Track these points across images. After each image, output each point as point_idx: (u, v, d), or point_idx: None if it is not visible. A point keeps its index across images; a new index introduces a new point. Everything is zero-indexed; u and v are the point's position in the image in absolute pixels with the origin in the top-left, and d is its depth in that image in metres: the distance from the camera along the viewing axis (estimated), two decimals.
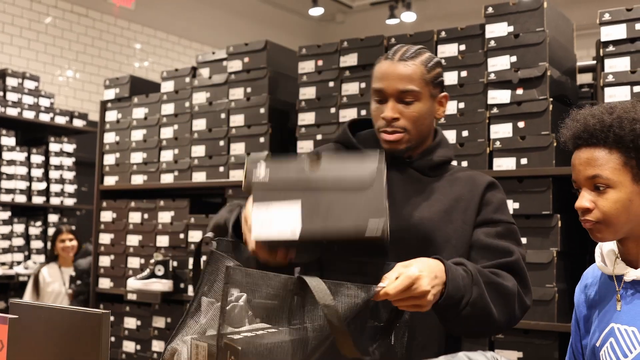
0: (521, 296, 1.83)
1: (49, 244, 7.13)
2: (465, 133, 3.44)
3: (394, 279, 1.53)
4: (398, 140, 1.91)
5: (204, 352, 1.45)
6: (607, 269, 1.79)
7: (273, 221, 1.52)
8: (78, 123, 7.53)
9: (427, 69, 1.93)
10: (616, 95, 3.12)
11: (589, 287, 1.89)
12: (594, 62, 3.55)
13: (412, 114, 1.91)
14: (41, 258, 7.08)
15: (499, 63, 3.40)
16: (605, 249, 1.82)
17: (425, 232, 1.88)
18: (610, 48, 3.18)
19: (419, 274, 1.55)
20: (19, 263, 6.90)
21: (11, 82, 6.91)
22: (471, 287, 1.69)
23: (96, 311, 1.65)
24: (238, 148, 4.18)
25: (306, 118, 3.96)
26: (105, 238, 4.80)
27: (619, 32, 3.16)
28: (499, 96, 3.37)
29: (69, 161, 7.39)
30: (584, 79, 4.33)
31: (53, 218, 7.26)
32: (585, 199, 1.69)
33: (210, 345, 1.42)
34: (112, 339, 4.66)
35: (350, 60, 3.85)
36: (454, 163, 2.16)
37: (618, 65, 3.16)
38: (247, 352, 1.38)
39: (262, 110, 4.13)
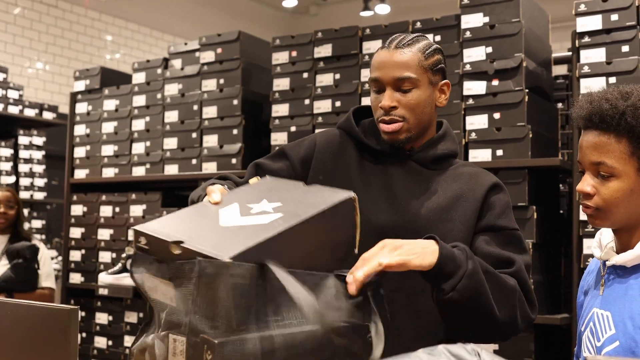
0: (523, 304, 1.75)
1: None
2: (446, 122, 3.40)
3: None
4: (397, 130, 1.87)
5: (181, 347, 1.40)
6: (597, 254, 1.77)
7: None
8: (48, 115, 7.42)
9: (425, 55, 1.89)
10: (592, 86, 3.11)
11: (588, 274, 1.88)
12: (569, 53, 3.54)
13: (410, 101, 1.87)
14: None
15: (475, 54, 3.38)
16: (605, 236, 1.79)
17: (419, 229, 1.81)
18: (586, 39, 3.17)
19: (400, 242, 1.54)
20: None
21: None
22: (466, 260, 1.62)
23: (64, 307, 1.61)
24: (211, 140, 4.13)
25: (280, 109, 3.91)
26: (76, 232, 4.73)
27: (594, 23, 3.14)
28: (474, 87, 3.35)
29: (38, 154, 7.27)
30: (559, 70, 4.32)
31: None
32: (587, 183, 1.67)
33: (191, 338, 1.37)
34: (83, 334, 4.59)
35: (324, 51, 3.81)
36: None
37: (594, 56, 3.14)
38: (224, 345, 1.33)
39: (235, 102, 4.08)
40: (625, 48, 3.08)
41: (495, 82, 3.31)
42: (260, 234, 1.41)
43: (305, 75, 3.87)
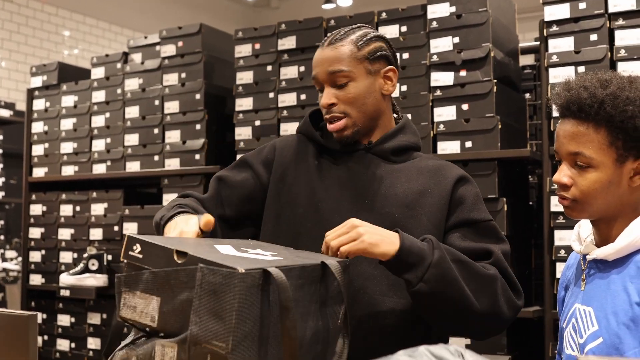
0: (507, 292, 1.72)
1: None
2: (408, 116, 3.35)
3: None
4: (342, 127, 1.85)
5: (171, 354, 1.33)
6: (577, 247, 1.72)
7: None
8: (4, 113, 7.24)
9: (358, 46, 1.86)
10: (560, 75, 3.08)
11: (568, 268, 1.84)
12: (536, 43, 3.52)
13: (347, 96, 1.84)
14: None
15: (442, 44, 3.33)
16: (584, 229, 1.75)
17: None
18: (554, 28, 3.13)
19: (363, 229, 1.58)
20: None
21: None
22: (432, 250, 1.60)
23: (22, 313, 1.57)
24: (173, 136, 4.04)
25: (244, 103, 3.83)
26: (35, 232, 4.60)
27: (562, 11, 3.11)
28: (441, 78, 3.30)
29: None
30: (526, 60, 4.30)
31: None
32: (563, 174, 1.63)
33: (182, 347, 1.30)
34: (45, 337, 4.48)
35: (288, 43, 3.74)
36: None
37: (562, 45, 3.11)
38: (231, 356, 1.28)
39: (197, 96, 3.99)
40: (593, 37, 3.05)
41: (463, 73, 3.26)
42: (266, 262, 1.39)
43: (269, 68, 3.80)
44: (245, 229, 1.97)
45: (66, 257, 4.44)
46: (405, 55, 3.42)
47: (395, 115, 2.03)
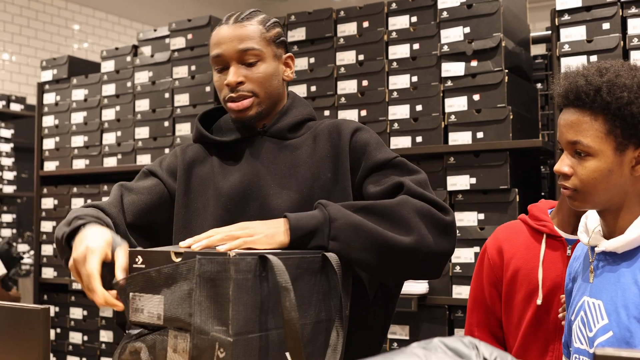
0: (428, 213, 1.61)
1: None
2: (419, 107, 3.35)
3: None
4: (248, 106, 1.79)
5: (183, 344, 1.35)
6: (584, 239, 1.71)
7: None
8: (15, 107, 7.27)
9: (266, 28, 1.83)
10: (573, 65, 3.04)
11: (575, 259, 1.82)
12: (548, 32, 3.49)
13: (257, 75, 1.79)
14: None
15: (452, 34, 3.31)
16: (591, 220, 1.73)
17: (299, 206, 1.73)
18: (566, 17, 3.11)
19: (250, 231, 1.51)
20: None
21: None
22: (324, 210, 1.56)
23: (35, 307, 1.57)
24: (184, 128, 4.03)
25: None
26: (47, 226, 4.61)
27: (574, 0, 3.09)
28: (452, 69, 3.29)
29: (7, 147, 7.13)
30: (537, 50, 4.28)
31: None
32: (564, 164, 1.61)
33: (197, 337, 1.32)
34: (58, 330, 4.49)
35: (298, 34, 3.73)
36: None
37: (574, 34, 3.09)
38: (237, 343, 1.29)
39: (207, 89, 3.98)
40: (606, 25, 3.03)
41: (474, 63, 3.24)
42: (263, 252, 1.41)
43: None
44: (158, 239, 1.89)
45: None
46: (416, 46, 3.40)
47: None
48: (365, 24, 3.55)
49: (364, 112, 3.48)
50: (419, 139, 3.32)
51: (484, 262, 2.22)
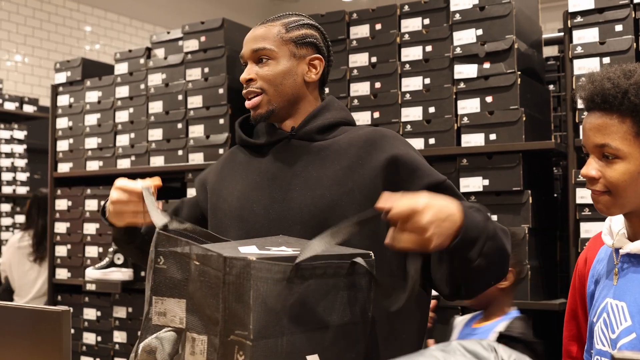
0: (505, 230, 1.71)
1: (1, 234, 6.94)
2: (431, 109, 3.36)
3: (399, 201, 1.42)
4: (257, 103, 1.85)
5: (202, 346, 1.36)
6: (609, 241, 1.71)
7: None
8: (28, 109, 7.31)
9: (287, 28, 1.88)
10: (585, 67, 3.07)
11: (599, 262, 1.81)
12: (560, 34, 3.50)
13: (266, 72, 1.85)
14: None
15: (465, 37, 3.32)
16: (615, 223, 1.73)
17: (316, 216, 1.74)
18: (578, 19, 3.12)
19: (424, 207, 1.41)
20: None
21: None
22: (485, 223, 1.56)
23: (56, 309, 1.57)
24: (197, 130, 4.05)
25: None
26: (61, 227, 4.64)
27: (586, 2, 3.09)
28: (465, 71, 3.29)
29: (20, 148, 7.17)
30: (548, 51, 4.28)
31: (5, 207, 7.05)
32: (591, 167, 1.61)
33: (212, 338, 1.34)
34: (72, 331, 4.52)
35: None
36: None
37: (586, 36, 3.09)
38: (257, 347, 1.31)
39: (220, 91, 4.00)
40: (618, 27, 3.03)
41: (486, 65, 3.25)
42: (288, 256, 1.42)
43: None
44: None
45: (92, 251, 4.47)
46: (429, 48, 3.41)
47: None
48: (378, 26, 3.57)
49: (376, 114, 3.49)
50: (431, 140, 3.33)
51: (576, 273, 2.14)
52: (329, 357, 1.45)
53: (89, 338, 4.45)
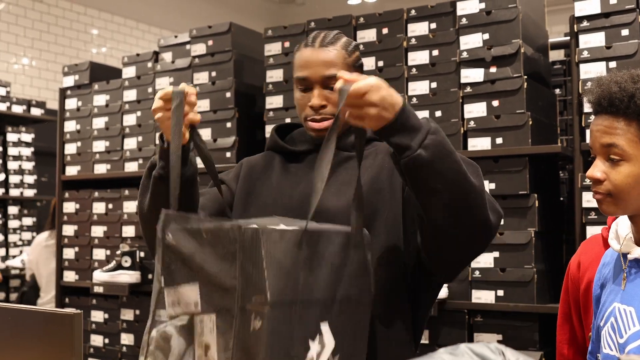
0: (491, 198, 1.69)
1: (9, 237, 6.97)
2: (438, 113, 3.37)
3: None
4: (327, 127, 1.87)
5: (210, 324, 1.38)
6: (616, 246, 1.72)
7: None
8: (36, 112, 7.34)
9: (348, 52, 1.91)
10: (591, 71, 3.08)
11: (605, 266, 1.82)
12: (566, 38, 3.51)
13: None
14: (2, 251, 6.91)
15: (471, 41, 3.33)
16: (622, 227, 1.75)
17: (348, 218, 1.79)
18: (585, 23, 3.13)
19: (377, 85, 1.54)
20: None
21: None
22: (427, 120, 1.59)
23: (68, 311, 1.58)
24: (204, 134, 4.07)
25: (274, 101, 3.86)
26: (68, 230, 4.67)
27: (593, 7, 3.10)
28: (472, 75, 3.31)
29: (27, 151, 7.21)
30: (555, 55, 4.29)
31: (13, 210, 7.08)
32: (597, 169, 1.63)
33: (219, 315, 1.36)
34: None
35: None
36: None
37: (593, 40, 3.10)
38: (274, 313, 1.34)
39: (228, 95, 4.02)
40: (625, 32, 3.04)
41: (493, 69, 3.26)
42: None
43: None
44: None
45: (99, 254, 4.50)
46: (435, 52, 3.43)
47: None
48: (385, 31, 3.58)
49: None
50: None
51: (568, 277, 2.18)
52: (336, 328, 1.49)
53: (97, 340, 4.47)
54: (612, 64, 3.04)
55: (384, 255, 1.79)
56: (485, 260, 3.19)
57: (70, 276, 4.63)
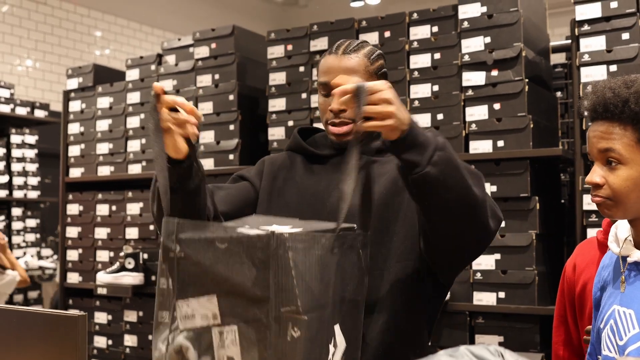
0: (492, 204, 1.75)
1: (13, 238, 6.99)
2: (440, 116, 3.39)
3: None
4: (347, 131, 1.93)
5: (232, 336, 1.37)
6: (615, 249, 1.74)
7: None
8: (40, 114, 7.36)
9: (370, 60, 1.96)
10: (592, 75, 3.09)
11: (604, 268, 1.84)
12: (567, 41, 3.52)
13: None
14: None
15: (473, 44, 3.35)
16: (621, 230, 1.77)
17: (374, 208, 1.87)
18: (586, 27, 3.14)
19: (391, 90, 1.61)
20: None
21: None
22: (435, 136, 1.65)
23: (72, 313, 1.58)
24: (207, 136, 4.09)
25: (277, 104, 3.88)
26: (72, 231, 4.69)
27: (594, 10, 3.12)
28: (473, 78, 3.32)
29: (31, 153, 7.22)
30: (556, 58, 4.30)
31: (17, 212, 7.10)
32: (596, 174, 1.65)
33: (243, 326, 1.35)
34: None
35: (320, 44, 3.78)
36: None
37: (594, 44, 3.12)
38: (311, 321, 1.34)
39: (231, 97, 4.04)
40: (625, 36, 3.06)
41: (494, 73, 3.28)
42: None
43: (301, 69, 3.84)
44: None
45: (103, 255, 4.52)
46: (437, 56, 3.44)
47: None
48: (387, 34, 3.60)
49: None
50: None
51: (564, 279, 2.20)
52: (346, 328, 1.52)
53: (100, 342, 4.49)
54: (613, 68, 3.05)
55: (402, 254, 1.85)
56: (487, 262, 3.20)
57: (73, 278, 4.65)
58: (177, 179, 1.68)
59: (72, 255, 4.67)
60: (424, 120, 3.40)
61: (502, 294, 3.19)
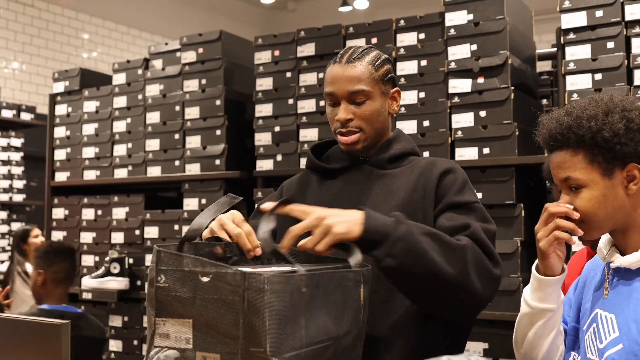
0: (482, 261, 1.74)
1: None
2: (426, 123, 3.40)
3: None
4: (355, 140, 1.96)
5: None
6: (602, 254, 1.78)
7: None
8: (26, 117, 7.34)
9: (375, 67, 1.97)
10: (578, 83, 3.11)
11: (590, 270, 1.89)
12: (553, 49, 3.54)
13: (364, 112, 1.95)
14: None
15: (459, 52, 3.36)
16: (605, 237, 1.81)
17: None
18: (571, 35, 3.16)
19: (326, 214, 1.64)
20: None
21: None
22: (396, 225, 1.67)
23: (55, 321, 1.58)
24: (194, 141, 4.09)
25: (263, 109, 3.88)
26: (57, 235, 4.67)
27: (579, 19, 3.14)
28: (459, 85, 3.34)
29: (17, 156, 7.20)
30: (542, 66, 4.33)
31: (2, 215, 7.07)
32: (563, 201, 1.71)
33: (225, 355, 1.36)
34: None
35: (307, 50, 3.78)
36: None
37: (579, 52, 3.14)
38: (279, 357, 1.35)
39: (217, 102, 4.04)
40: (610, 44, 3.08)
41: (480, 80, 3.29)
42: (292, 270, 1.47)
43: (288, 74, 3.84)
44: None
45: (88, 260, 4.50)
46: (423, 63, 3.45)
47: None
48: (374, 40, 3.61)
49: None
50: (425, 154, 3.36)
51: None
52: None
53: None
54: (598, 76, 3.07)
55: None
56: None
57: None
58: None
59: None
60: (410, 127, 3.41)
61: None
